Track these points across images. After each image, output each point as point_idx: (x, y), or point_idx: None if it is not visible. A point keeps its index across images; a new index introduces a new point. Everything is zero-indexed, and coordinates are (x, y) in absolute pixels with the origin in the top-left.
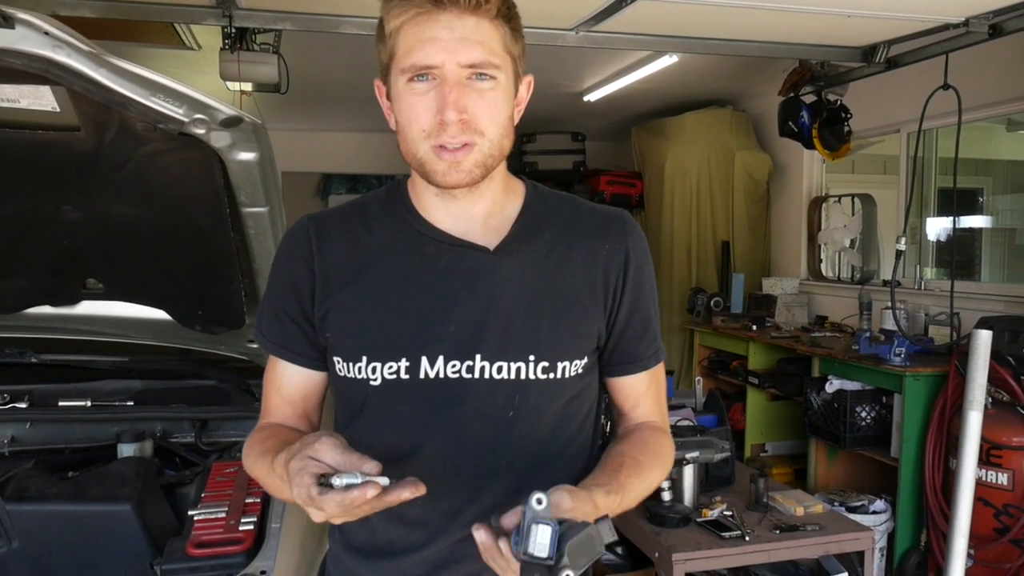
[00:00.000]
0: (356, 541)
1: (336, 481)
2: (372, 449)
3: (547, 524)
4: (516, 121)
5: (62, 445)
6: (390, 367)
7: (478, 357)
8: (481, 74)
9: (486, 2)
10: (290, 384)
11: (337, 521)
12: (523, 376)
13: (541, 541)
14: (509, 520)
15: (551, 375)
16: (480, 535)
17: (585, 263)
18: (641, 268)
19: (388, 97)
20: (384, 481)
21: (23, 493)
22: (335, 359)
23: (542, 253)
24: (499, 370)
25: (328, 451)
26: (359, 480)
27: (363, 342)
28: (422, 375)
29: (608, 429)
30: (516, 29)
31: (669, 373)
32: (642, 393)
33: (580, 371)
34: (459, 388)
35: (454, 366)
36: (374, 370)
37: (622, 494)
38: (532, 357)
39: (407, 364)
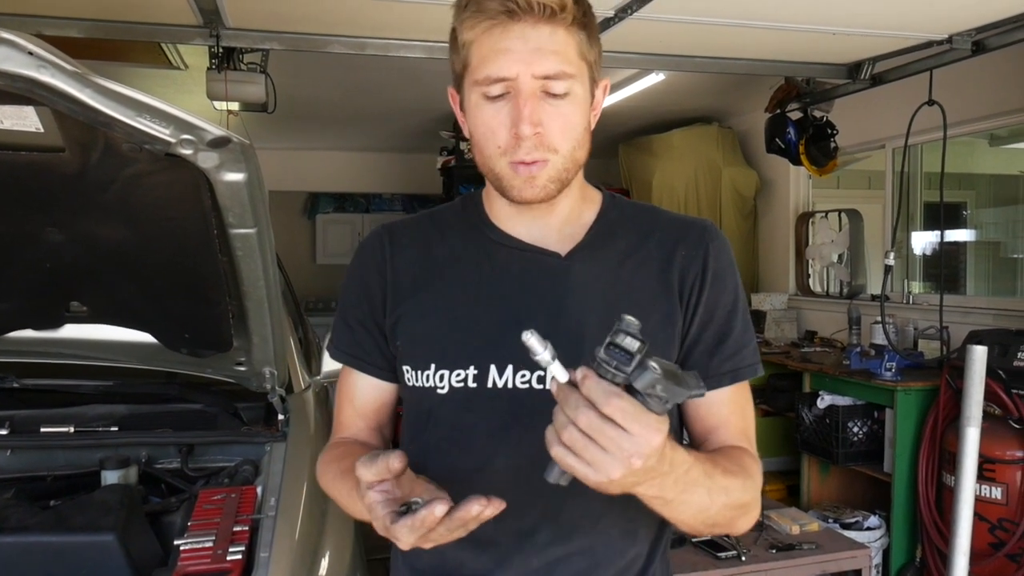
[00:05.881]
0: (422, 565)
1: (416, 505)
2: (441, 463)
3: (635, 338)
4: (593, 126)
5: (44, 472)
6: (458, 375)
7: None
8: (554, 92)
9: (561, 10)
10: (362, 395)
11: (407, 546)
12: None
13: (629, 342)
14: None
15: None
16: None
17: (661, 269)
18: (721, 277)
19: (461, 107)
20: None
21: (2, 524)
22: (404, 367)
23: (616, 260)
24: None
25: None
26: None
27: (431, 349)
28: (490, 384)
29: None
30: (592, 35)
31: None
32: (722, 417)
33: None
34: (530, 399)
35: (523, 376)
36: (442, 378)
37: (705, 464)
38: None
39: (475, 372)
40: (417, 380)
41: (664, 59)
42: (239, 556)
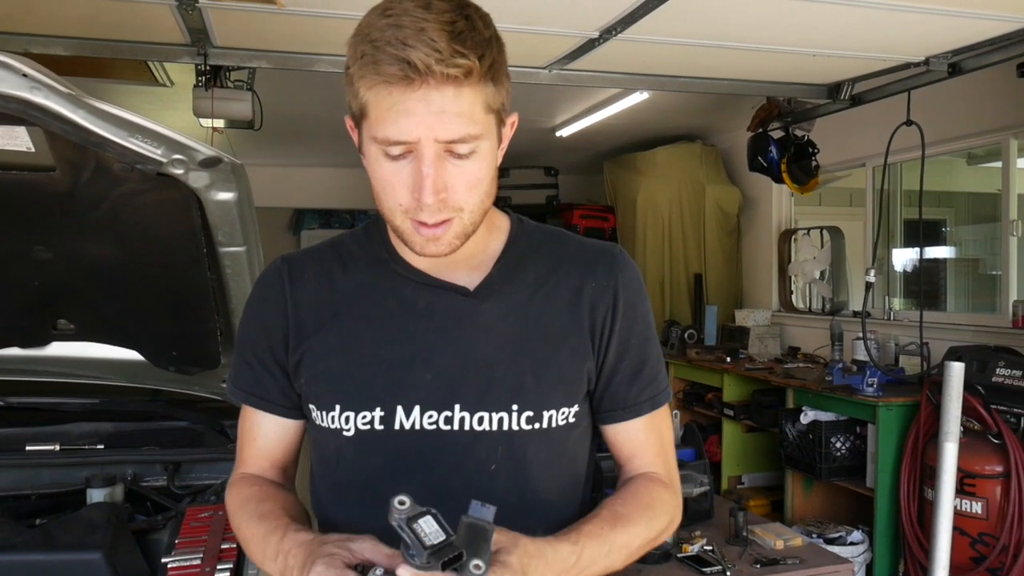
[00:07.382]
0: None
1: (376, 572)
2: (350, 505)
3: (423, 514)
4: (500, 161)
5: (29, 491)
6: (364, 417)
7: (457, 407)
8: (459, 153)
9: (467, 76)
10: (265, 435)
11: None
12: (506, 427)
13: (430, 530)
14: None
15: (536, 425)
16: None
17: (571, 303)
18: (633, 306)
19: (360, 147)
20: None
21: None
22: (311, 406)
23: (525, 295)
24: (480, 421)
25: (370, 548)
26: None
27: (336, 390)
28: (397, 426)
29: None
30: (500, 79)
31: None
32: (640, 443)
33: (571, 420)
34: (437, 440)
35: (431, 416)
36: (347, 420)
37: (583, 543)
38: (515, 407)
39: (381, 414)
40: (323, 420)
41: (648, 79)
42: (227, 574)
